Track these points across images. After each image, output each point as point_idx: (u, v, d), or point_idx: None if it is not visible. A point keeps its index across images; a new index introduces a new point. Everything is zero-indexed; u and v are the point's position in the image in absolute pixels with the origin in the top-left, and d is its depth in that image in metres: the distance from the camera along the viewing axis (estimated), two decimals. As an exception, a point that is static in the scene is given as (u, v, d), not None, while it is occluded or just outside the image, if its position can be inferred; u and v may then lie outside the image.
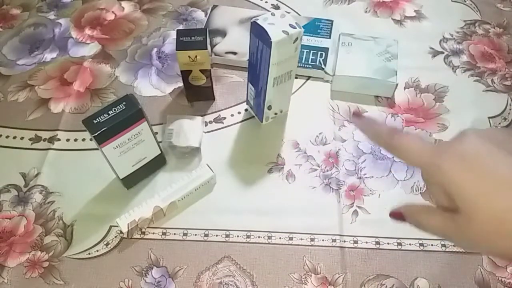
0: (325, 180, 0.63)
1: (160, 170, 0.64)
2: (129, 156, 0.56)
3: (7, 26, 0.84)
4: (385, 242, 0.57)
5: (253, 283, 0.55)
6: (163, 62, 0.78)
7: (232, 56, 0.75)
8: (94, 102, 0.72)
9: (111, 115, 0.51)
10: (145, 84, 0.75)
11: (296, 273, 0.56)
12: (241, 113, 0.71)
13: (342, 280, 0.55)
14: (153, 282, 0.55)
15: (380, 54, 0.72)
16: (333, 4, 0.86)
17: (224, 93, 0.73)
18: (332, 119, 0.70)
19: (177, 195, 0.58)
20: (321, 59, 0.74)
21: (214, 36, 0.78)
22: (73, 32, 0.83)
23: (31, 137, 0.68)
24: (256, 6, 0.86)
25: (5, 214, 0.60)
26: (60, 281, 0.55)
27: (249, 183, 0.63)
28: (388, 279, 0.55)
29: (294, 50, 0.57)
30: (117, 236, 0.58)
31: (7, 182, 0.63)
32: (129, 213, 0.57)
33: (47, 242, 0.58)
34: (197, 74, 0.65)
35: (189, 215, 0.60)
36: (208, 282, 0.55)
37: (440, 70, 0.75)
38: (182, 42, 0.61)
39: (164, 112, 0.70)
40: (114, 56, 0.79)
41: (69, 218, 0.60)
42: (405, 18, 0.84)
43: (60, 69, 0.77)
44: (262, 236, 0.58)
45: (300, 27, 0.55)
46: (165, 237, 0.58)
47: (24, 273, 0.56)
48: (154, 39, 0.81)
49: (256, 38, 0.56)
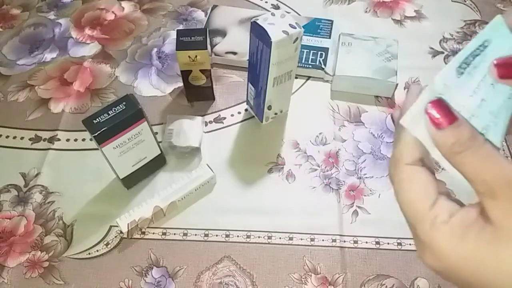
0: (325, 180, 0.63)
1: (160, 170, 0.64)
2: (129, 156, 0.56)
3: (7, 26, 0.84)
4: (385, 242, 0.57)
5: (253, 283, 0.55)
6: (163, 62, 0.78)
7: (232, 56, 0.75)
8: (94, 102, 0.72)
9: (111, 115, 0.51)
10: (145, 84, 0.75)
11: (296, 273, 0.56)
12: (241, 113, 0.71)
13: (342, 280, 0.55)
14: (153, 282, 0.55)
15: (380, 54, 0.72)
16: (333, 4, 0.86)
17: (224, 93, 0.73)
18: (332, 119, 0.70)
19: (177, 195, 0.58)
20: (321, 59, 0.74)
21: (214, 36, 0.78)
22: (73, 32, 0.83)
23: (31, 137, 0.68)
24: (256, 6, 0.86)
25: (5, 214, 0.60)
26: (60, 281, 0.55)
27: (249, 183, 0.63)
28: (388, 279, 0.55)
29: (294, 50, 0.57)
30: (117, 236, 0.58)
31: (7, 182, 0.63)
32: (129, 213, 0.57)
33: (47, 242, 0.58)
34: (197, 74, 0.65)
35: (189, 215, 0.60)
36: (208, 282, 0.55)
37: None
38: (182, 42, 0.61)
39: (164, 112, 0.70)
40: (114, 56, 0.79)
41: (69, 218, 0.60)
42: (405, 18, 0.84)
43: (60, 69, 0.77)
44: (262, 236, 0.58)
45: (300, 27, 0.55)
46: (165, 237, 0.58)
47: (24, 273, 0.56)
48: (154, 39, 0.81)
49: (256, 38, 0.56)
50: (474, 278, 0.23)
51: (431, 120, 0.23)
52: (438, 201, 0.24)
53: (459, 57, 0.25)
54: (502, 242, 0.22)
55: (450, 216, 0.23)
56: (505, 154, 0.66)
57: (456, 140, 0.22)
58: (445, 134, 0.23)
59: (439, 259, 0.24)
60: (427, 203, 0.24)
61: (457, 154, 0.23)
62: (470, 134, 0.23)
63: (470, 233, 0.23)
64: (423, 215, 0.24)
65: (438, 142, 0.23)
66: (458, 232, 0.23)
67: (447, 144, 0.23)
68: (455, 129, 0.23)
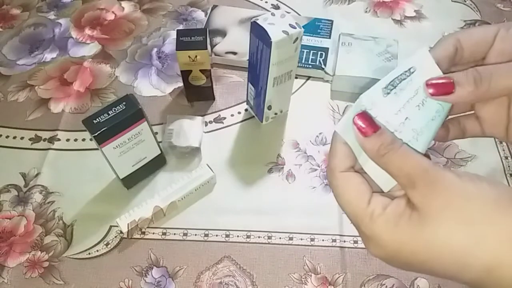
0: (325, 180, 0.63)
1: (160, 170, 0.64)
2: (129, 156, 0.56)
3: (7, 26, 0.84)
4: (385, 242, 0.57)
5: (253, 283, 0.55)
6: (163, 62, 0.78)
7: (232, 56, 0.75)
8: (94, 102, 0.72)
9: (111, 115, 0.51)
10: (145, 84, 0.75)
11: (296, 273, 0.56)
12: (241, 113, 0.71)
13: (342, 280, 0.55)
14: (153, 282, 0.55)
15: (380, 54, 0.72)
16: (333, 4, 0.86)
17: (224, 93, 0.73)
18: (332, 119, 0.70)
19: (177, 195, 0.58)
20: (321, 59, 0.74)
21: (214, 36, 0.78)
22: (73, 32, 0.83)
23: (31, 137, 0.68)
24: (256, 6, 0.86)
25: (5, 214, 0.60)
26: (60, 281, 0.55)
27: (249, 183, 0.63)
28: (388, 279, 0.55)
29: (294, 50, 0.57)
30: (117, 236, 0.58)
31: (7, 182, 0.63)
32: (129, 213, 0.57)
33: (47, 242, 0.58)
34: (197, 74, 0.65)
35: (189, 215, 0.60)
36: (208, 282, 0.55)
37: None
38: (182, 42, 0.61)
39: (164, 112, 0.70)
40: (114, 56, 0.79)
41: (69, 218, 0.60)
42: (405, 18, 0.84)
43: (60, 69, 0.77)
44: (262, 236, 0.58)
45: (300, 27, 0.55)
46: (165, 237, 0.58)
47: (24, 273, 0.56)
48: (154, 39, 0.81)
49: (256, 38, 0.56)
50: (412, 258, 0.26)
51: (359, 130, 0.27)
52: (372, 198, 0.27)
53: (386, 79, 0.29)
54: (425, 222, 0.25)
55: (384, 208, 0.27)
56: (505, 154, 0.66)
57: (380, 144, 0.26)
58: (371, 141, 0.27)
59: (381, 248, 0.27)
60: (363, 202, 0.27)
61: (382, 156, 0.27)
62: (391, 139, 0.27)
63: (401, 220, 0.26)
64: (362, 213, 0.27)
65: (366, 147, 0.27)
66: (392, 221, 0.26)
67: (374, 148, 0.27)
68: (379, 136, 0.27)
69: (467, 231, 0.24)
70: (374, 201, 0.27)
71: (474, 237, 0.24)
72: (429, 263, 0.26)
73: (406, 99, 0.28)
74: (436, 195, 0.25)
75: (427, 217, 0.25)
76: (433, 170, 0.25)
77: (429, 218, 0.25)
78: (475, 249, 0.24)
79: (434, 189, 0.25)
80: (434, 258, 0.25)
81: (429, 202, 0.25)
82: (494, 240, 0.24)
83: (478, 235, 0.24)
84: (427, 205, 0.25)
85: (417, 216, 0.25)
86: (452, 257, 0.25)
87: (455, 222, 0.25)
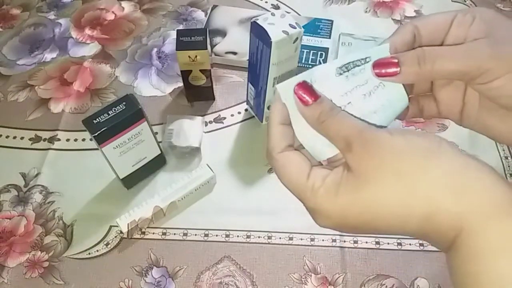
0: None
1: (160, 170, 0.64)
2: (129, 156, 0.56)
3: (7, 26, 0.84)
4: (385, 242, 0.57)
5: (253, 283, 0.55)
6: (163, 62, 0.78)
7: (232, 56, 0.75)
8: (94, 102, 0.72)
9: (111, 115, 0.51)
10: (145, 84, 0.75)
11: (296, 273, 0.56)
12: (241, 113, 0.71)
13: (342, 280, 0.55)
14: (153, 282, 0.55)
15: (380, 54, 0.72)
16: (333, 4, 0.86)
17: (224, 93, 0.73)
18: (332, 119, 0.69)
19: (177, 195, 0.58)
20: (321, 59, 0.74)
21: (214, 36, 0.78)
22: (73, 32, 0.83)
23: (31, 137, 0.68)
24: (256, 6, 0.86)
25: (5, 214, 0.60)
26: (60, 281, 0.55)
27: (249, 183, 0.63)
28: (388, 279, 0.55)
29: (294, 50, 0.57)
30: (117, 236, 0.58)
31: (7, 182, 0.63)
32: (129, 213, 0.57)
33: (47, 242, 0.58)
34: (197, 74, 0.65)
35: (189, 215, 0.60)
36: (208, 282, 0.55)
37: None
38: (182, 42, 0.61)
39: (164, 112, 0.70)
40: (114, 56, 0.79)
41: (69, 218, 0.60)
42: (405, 18, 0.84)
43: (60, 69, 0.77)
44: (262, 236, 0.58)
45: (300, 27, 0.55)
46: (165, 237, 0.58)
47: (24, 273, 0.56)
48: (154, 39, 0.81)
49: (256, 38, 0.56)
50: (358, 221, 0.26)
51: (299, 99, 0.28)
52: (311, 172, 0.28)
53: (343, 60, 0.29)
54: (363, 184, 0.25)
55: (323, 179, 0.27)
56: (505, 154, 0.66)
57: (320, 112, 0.27)
58: (311, 109, 0.28)
59: (328, 218, 0.27)
60: (303, 177, 0.28)
61: (322, 123, 0.27)
62: (330, 106, 0.28)
63: (341, 187, 0.26)
64: (303, 187, 0.27)
65: (306, 115, 0.28)
66: (332, 190, 0.26)
67: (314, 116, 0.27)
68: (319, 104, 0.27)
69: (400, 184, 0.25)
70: (313, 174, 0.28)
71: (407, 188, 0.25)
72: (373, 223, 0.26)
73: (355, 85, 0.29)
74: (370, 155, 0.25)
75: (364, 178, 0.25)
76: (367, 131, 0.26)
77: (365, 179, 0.25)
78: (410, 199, 0.25)
79: (369, 150, 0.25)
80: (376, 217, 0.26)
81: (365, 163, 0.26)
82: (427, 188, 0.24)
83: (411, 185, 0.25)
84: (364, 167, 0.26)
85: (355, 180, 0.26)
86: (391, 211, 0.25)
87: (389, 177, 0.25)
